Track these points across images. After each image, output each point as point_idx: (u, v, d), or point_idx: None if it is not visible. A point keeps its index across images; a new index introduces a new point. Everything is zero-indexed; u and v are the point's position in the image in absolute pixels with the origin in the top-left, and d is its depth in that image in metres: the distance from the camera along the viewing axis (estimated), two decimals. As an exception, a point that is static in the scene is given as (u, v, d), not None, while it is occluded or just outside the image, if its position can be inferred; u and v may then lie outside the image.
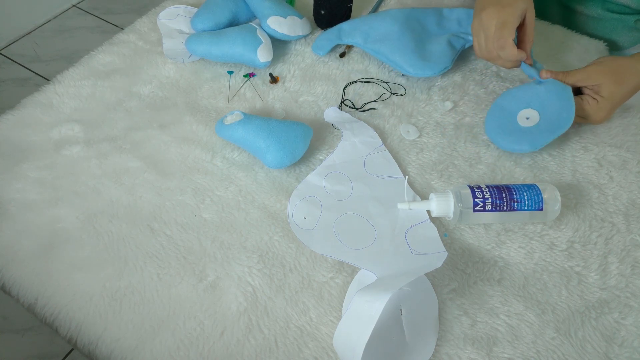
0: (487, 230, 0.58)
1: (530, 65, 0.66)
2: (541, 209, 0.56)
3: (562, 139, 0.67)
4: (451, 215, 0.57)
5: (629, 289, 0.54)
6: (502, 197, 0.56)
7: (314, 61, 0.77)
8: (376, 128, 0.68)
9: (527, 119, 0.64)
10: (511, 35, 0.64)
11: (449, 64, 0.72)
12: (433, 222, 0.58)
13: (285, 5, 0.78)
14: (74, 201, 0.60)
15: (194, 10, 0.83)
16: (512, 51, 0.64)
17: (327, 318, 0.52)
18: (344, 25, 0.77)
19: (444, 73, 0.75)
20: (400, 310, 0.50)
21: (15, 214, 0.59)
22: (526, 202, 0.56)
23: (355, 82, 0.75)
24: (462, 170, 0.64)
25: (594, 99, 0.64)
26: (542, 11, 0.89)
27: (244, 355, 0.50)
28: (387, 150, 0.65)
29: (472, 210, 0.56)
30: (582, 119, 0.66)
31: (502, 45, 0.64)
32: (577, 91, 0.66)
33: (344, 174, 0.63)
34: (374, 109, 0.71)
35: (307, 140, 0.63)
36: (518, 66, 0.67)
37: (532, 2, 0.66)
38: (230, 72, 0.76)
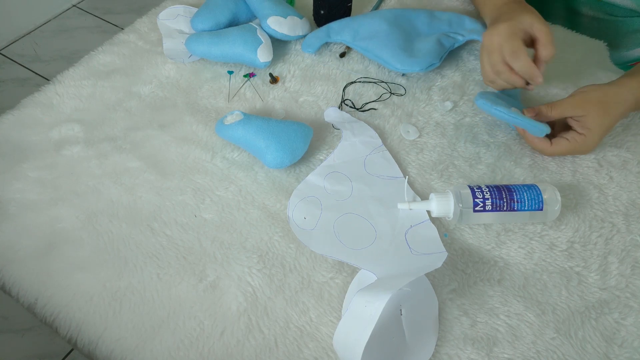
0: (487, 231, 0.58)
1: (531, 90, 0.64)
2: (541, 209, 0.56)
3: (562, 139, 0.67)
4: (451, 215, 0.57)
5: (629, 289, 0.54)
6: (502, 197, 0.56)
7: (314, 61, 0.77)
8: (376, 128, 0.68)
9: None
10: (522, 44, 0.61)
11: (437, 62, 0.73)
12: (433, 222, 0.58)
13: (285, 5, 0.78)
14: (74, 201, 0.60)
15: (194, 10, 0.83)
16: (525, 61, 0.60)
17: (327, 318, 0.52)
18: (334, 25, 0.77)
19: (444, 73, 0.75)
20: (400, 310, 0.50)
21: (15, 214, 0.59)
22: (526, 203, 0.56)
23: (355, 82, 0.75)
24: (462, 170, 0.64)
25: (581, 134, 0.62)
26: (546, 13, 0.89)
27: (244, 355, 0.50)
28: (387, 151, 0.65)
29: (472, 210, 0.56)
30: (572, 153, 0.64)
31: (514, 52, 0.60)
32: (563, 125, 0.65)
33: (344, 174, 0.63)
34: (374, 109, 0.71)
35: (307, 140, 0.63)
36: (521, 85, 0.63)
37: (538, 17, 0.62)
38: (230, 72, 0.76)
